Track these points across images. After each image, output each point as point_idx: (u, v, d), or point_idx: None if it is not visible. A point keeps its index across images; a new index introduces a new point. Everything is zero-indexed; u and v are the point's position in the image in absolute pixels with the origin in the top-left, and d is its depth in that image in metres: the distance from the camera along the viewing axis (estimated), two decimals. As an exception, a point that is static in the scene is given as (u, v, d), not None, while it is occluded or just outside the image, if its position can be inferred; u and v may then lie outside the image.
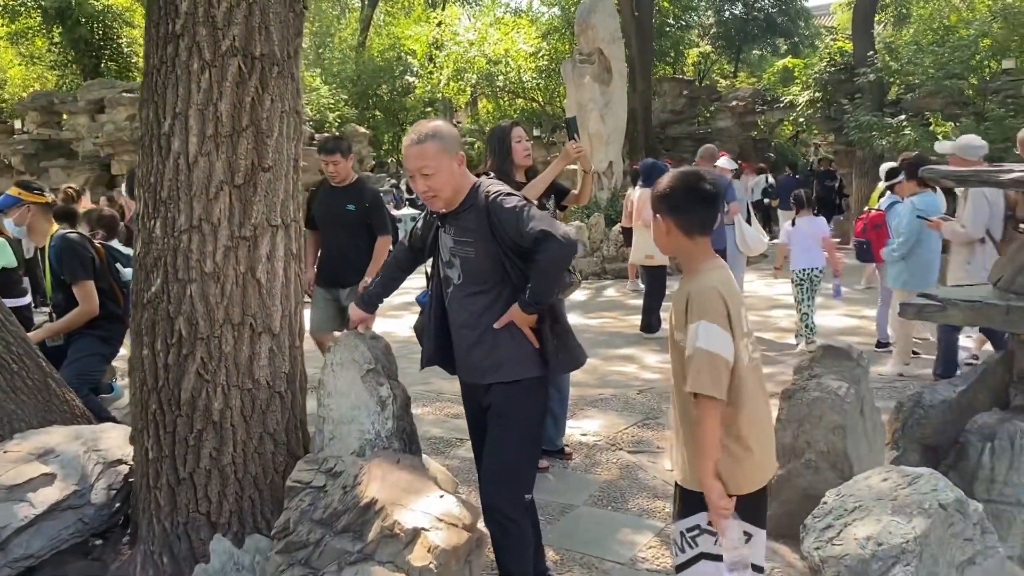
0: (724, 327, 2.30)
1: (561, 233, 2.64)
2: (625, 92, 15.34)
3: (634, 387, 6.30)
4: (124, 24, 21.75)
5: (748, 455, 2.39)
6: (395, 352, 3.33)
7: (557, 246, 2.63)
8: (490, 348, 2.83)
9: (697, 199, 2.40)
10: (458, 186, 2.85)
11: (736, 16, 28.01)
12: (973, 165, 5.40)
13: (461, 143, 2.91)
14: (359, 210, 5.41)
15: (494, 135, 4.44)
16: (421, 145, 2.79)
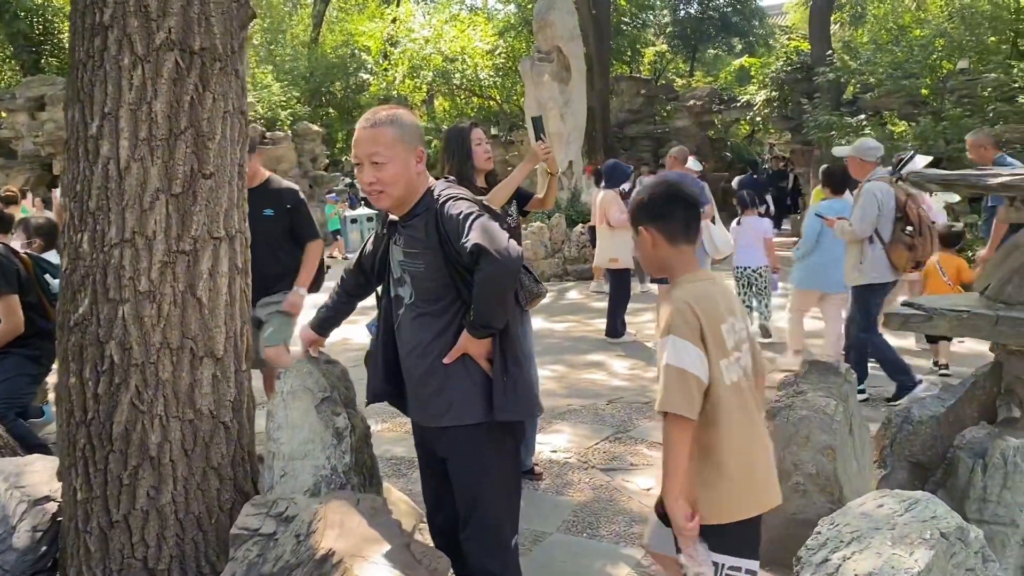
0: (696, 343, 2.18)
1: (498, 248, 2.25)
2: (584, 90, 15.18)
3: (603, 397, 6.08)
4: (65, 19, 20.97)
5: (723, 482, 2.25)
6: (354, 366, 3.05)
7: (491, 263, 2.25)
8: (441, 382, 2.46)
9: (680, 204, 2.33)
10: (412, 185, 2.49)
11: (691, 15, 28.05)
12: (870, 167, 5.60)
13: (423, 138, 2.57)
14: (278, 215, 4.73)
15: (452, 136, 4.15)
16: (376, 129, 2.44)
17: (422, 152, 2.50)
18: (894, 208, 5.40)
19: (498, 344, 2.44)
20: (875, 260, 5.42)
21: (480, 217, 2.37)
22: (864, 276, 5.49)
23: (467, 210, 2.38)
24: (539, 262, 13.31)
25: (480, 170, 4.13)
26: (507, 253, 2.27)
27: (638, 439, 5.04)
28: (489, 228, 2.33)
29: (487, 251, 2.26)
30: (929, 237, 5.36)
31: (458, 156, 4.06)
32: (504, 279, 2.31)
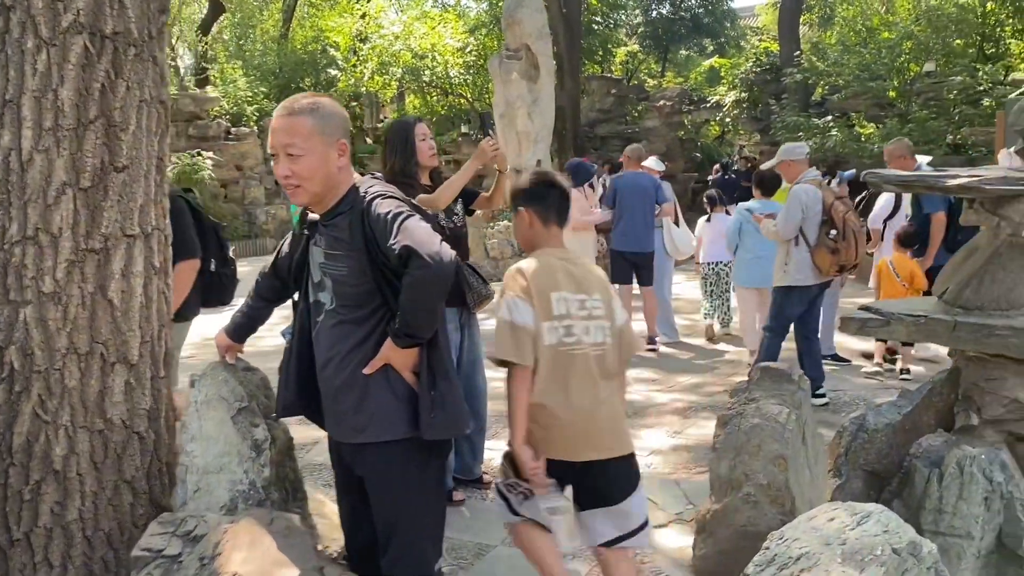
0: (526, 300, 2.52)
1: (430, 251, 2.08)
2: (553, 89, 15.02)
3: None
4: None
5: (556, 424, 2.52)
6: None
7: (421, 267, 2.07)
8: (360, 396, 2.25)
9: (555, 191, 2.72)
10: (332, 181, 2.29)
11: (663, 16, 28.06)
12: (798, 168, 5.67)
13: (348, 130, 2.38)
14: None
15: (396, 131, 3.97)
16: (293, 118, 2.24)
17: (345, 145, 2.30)
18: (820, 211, 5.38)
19: (425, 356, 2.26)
20: (799, 262, 5.44)
21: (410, 217, 2.19)
22: (787, 277, 5.53)
23: (396, 209, 2.19)
24: (506, 261, 13.17)
25: (425, 167, 3.97)
26: (439, 257, 2.09)
27: (593, 445, 4.90)
28: (420, 229, 2.15)
29: (417, 254, 2.08)
30: (854, 241, 5.31)
31: (401, 152, 3.88)
32: (434, 285, 2.13)
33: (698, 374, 6.75)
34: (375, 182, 2.36)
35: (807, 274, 5.44)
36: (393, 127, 4.05)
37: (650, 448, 4.84)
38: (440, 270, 2.09)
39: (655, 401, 5.91)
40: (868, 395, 5.90)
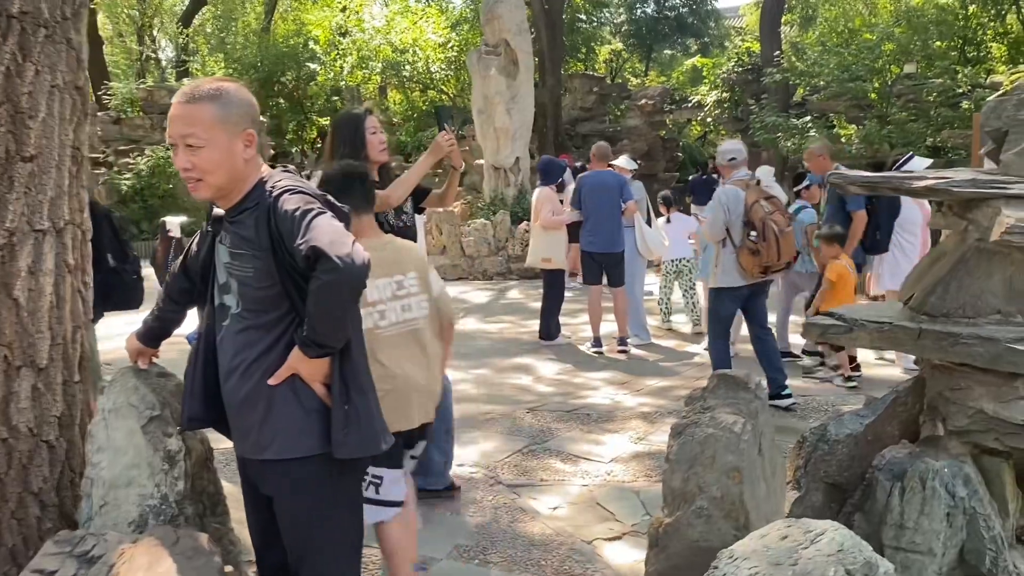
0: None
1: (340, 253, 1.88)
2: (532, 86, 14.87)
3: (525, 404, 5.80)
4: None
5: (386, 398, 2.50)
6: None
7: (330, 270, 1.88)
8: (266, 409, 2.07)
9: (357, 181, 2.87)
10: (237, 174, 2.10)
11: (648, 15, 27.96)
12: (728, 170, 5.66)
13: (256, 118, 2.17)
14: None
15: (344, 124, 3.77)
16: (193, 106, 2.05)
17: (252, 136, 2.11)
18: (742, 212, 5.35)
19: (338, 367, 2.07)
20: (726, 264, 5.46)
21: (321, 215, 1.99)
22: (716, 279, 5.58)
23: (305, 206, 2.00)
24: (482, 259, 13.02)
25: (375, 162, 3.80)
26: (350, 260, 1.89)
27: (553, 451, 4.76)
28: (329, 228, 1.96)
29: (325, 256, 1.88)
30: (775, 242, 5.23)
31: (350, 146, 3.68)
32: (344, 290, 1.93)
33: (667, 377, 6.62)
34: (285, 176, 2.17)
35: (733, 275, 5.43)
36: (342, 119, 3.82)
37: (611, 455, 4.70)
38: (350, 273, 1.89)
39: (622, 405, 5.77)
40: (837, 400, 5.78)
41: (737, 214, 5.33)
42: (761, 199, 5.34)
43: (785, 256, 5.31)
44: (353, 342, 2.11)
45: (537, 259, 8.05)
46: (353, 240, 1.97)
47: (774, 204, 5.39)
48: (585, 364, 7.10)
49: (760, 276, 5.42)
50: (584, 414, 5.52)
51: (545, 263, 7.95)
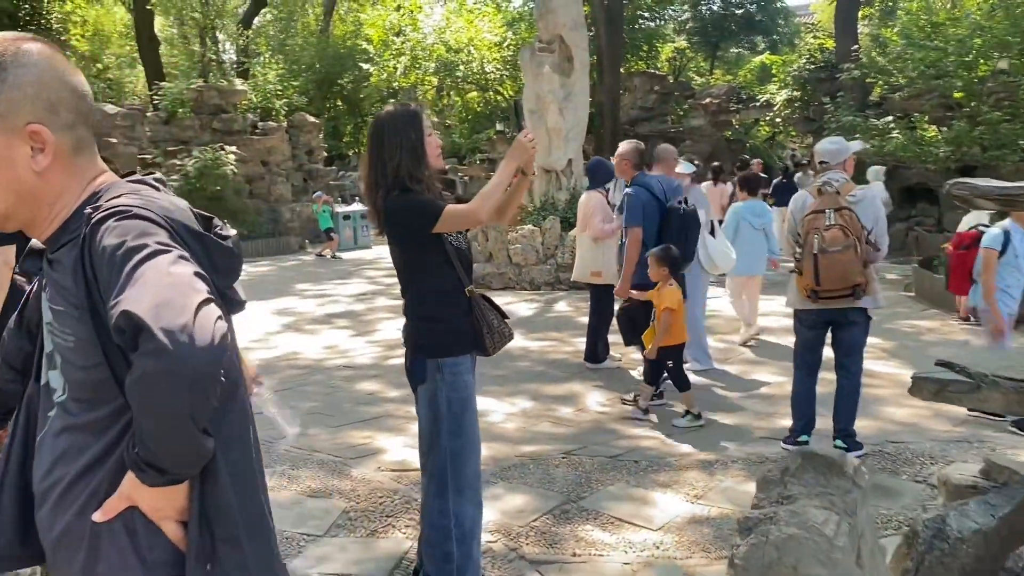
0: None
1: (169, 326, 1.14)
2: (587, 84, 14.05)
3: (562, 444, 5.02)
4: None
5: None
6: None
7: (151, 353, 1.14)
8: (88, 559, 1.33)
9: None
10: (25, 193, 1.36)
11: (714, 12, 26.87)
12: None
13: (63, 104, 1.38)
14: None
15: (399, 122, 2.96)
16: None
17: (40, 132, 1.34)
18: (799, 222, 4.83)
19: (198, 500, 1.34)
20: (792, 282, 4.92)
21: (157, 256, 1.24)
22: (789, 298, 5.01)
23: (134, 240, 1.25)
24: (529, 268, 12.27)
25: (435, 169, 3.04)
26: (185, 338, 1.15)
27: (591, 513, 3.96)
28: (163, 282, 1.20)
29: (146, 330, 1.14)
30: (811, 262, 4.49)
31: (408, 151, 2.90)
32: (176, 386, 1.16)
33: (730, 413, 5.77)
34: (130, 188, 1.40)
35: (798, 296, 4.81)
36: (396, 116, 3.00)
37: (661, 520, 3.89)
38: (183, 361, 1.14)
39: (675, 450, 4.95)
40: (945, 451, 4.85)
41: (797, 223, 4.67)
42: (828, 208, 4.50)
43: (828, 281, 4.46)
44: (222, 461, 1.36)
45: (585, 272, 7.26)
46: (204, 301, 1.21)
47: (841, 217, 4.49)
48: (637, 390, 6.27)
49: (810, 301, 4.61)
50: (631, 461, 4.71)
51: (595, 277, 7.15)
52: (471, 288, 3.02)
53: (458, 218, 2.90)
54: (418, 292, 3.00)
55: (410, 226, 2.90)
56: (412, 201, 2.88)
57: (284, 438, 5.24)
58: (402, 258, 3.02)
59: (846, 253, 4.44)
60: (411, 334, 3.02)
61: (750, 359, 7.48)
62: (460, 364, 2.97)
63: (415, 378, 3.01)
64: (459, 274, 2.99)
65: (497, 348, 3.05)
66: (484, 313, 3.01)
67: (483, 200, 2.91)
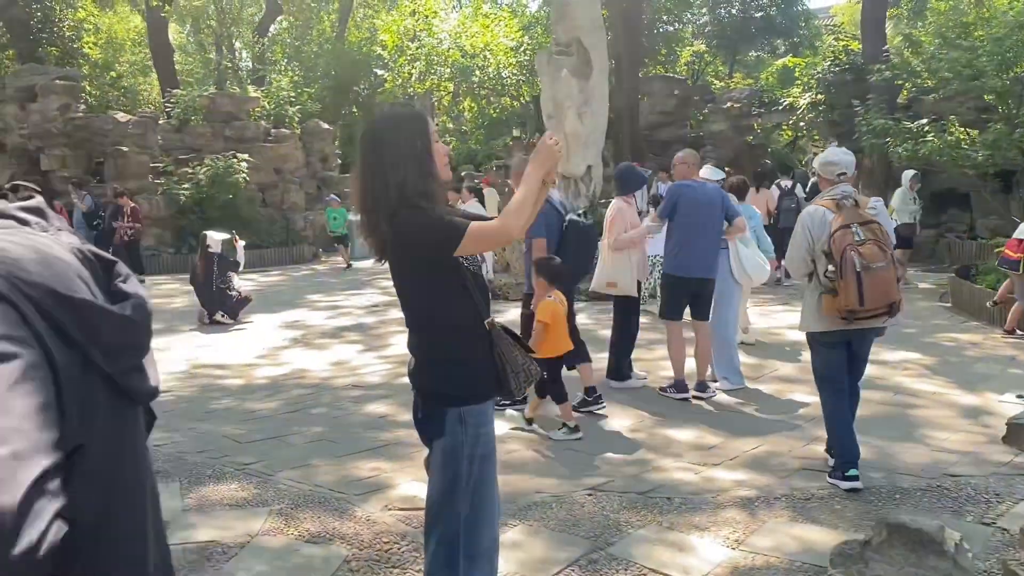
0: None
1: None
2: (606, 88, 13.64)
3: (586, 478, 4.60)
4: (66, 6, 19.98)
5: None
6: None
7: None
8: None
9: None
10: None
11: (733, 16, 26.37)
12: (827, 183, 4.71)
13: None
14: None
15: (403, 125, 2.51)
16: None
17: None
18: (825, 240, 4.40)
19: None
20: (811, 303, 4.61)
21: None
22: (804, 321, 4.65)
23: None
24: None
25: (444, 180, 2.60)
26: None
27: (620, 562, 3.54)
28: None
29: None
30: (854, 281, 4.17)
31: (415, 160, 2.46)
32: None
33: (769, 437, 5.33)
34: None
35: (820, 318, 4.46)
36: (396, 122, 2.55)
37: (701, 571, 3.46)
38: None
39: (712, 483, 4.52)
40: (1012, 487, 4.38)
41: (822, 242, 4.30)
42: (854, 224, 4.23)
43: (872, 301, 4.14)
44: None
45: (601, 283, 6.85)
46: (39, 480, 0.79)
47: (871, 232, 4.23)
48: (664, 416, 5.87)
49: (843, 323, 4.28)
50: (663, 498, 4.28)
51: (610, 287, 6.75)
52: (491, 320, 2.58)
53: (486, 237, 2.46)
54: (432, 328, 2.56)
55: (427, 250, 2.45)
56: (428, 220, 2.41)
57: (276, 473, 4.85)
58: (413, 288, 2.56)
59: (889, 270, 4.20)
60: (426, 379, 2.57)
61: (783, 376, 7.04)
62: (484, 413, 2.56)
63: (432, 431, 2.57)
64: (478, 304, 2.54)
65: (523, 390, 2.63)
66: (507, 349, 2.57)
67: (515, 216, 2.46)
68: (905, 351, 7.82)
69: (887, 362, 7.43)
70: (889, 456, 4.91)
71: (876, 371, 7.10)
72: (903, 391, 6.44)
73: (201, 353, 8.49)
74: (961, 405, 6.03)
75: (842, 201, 4.33)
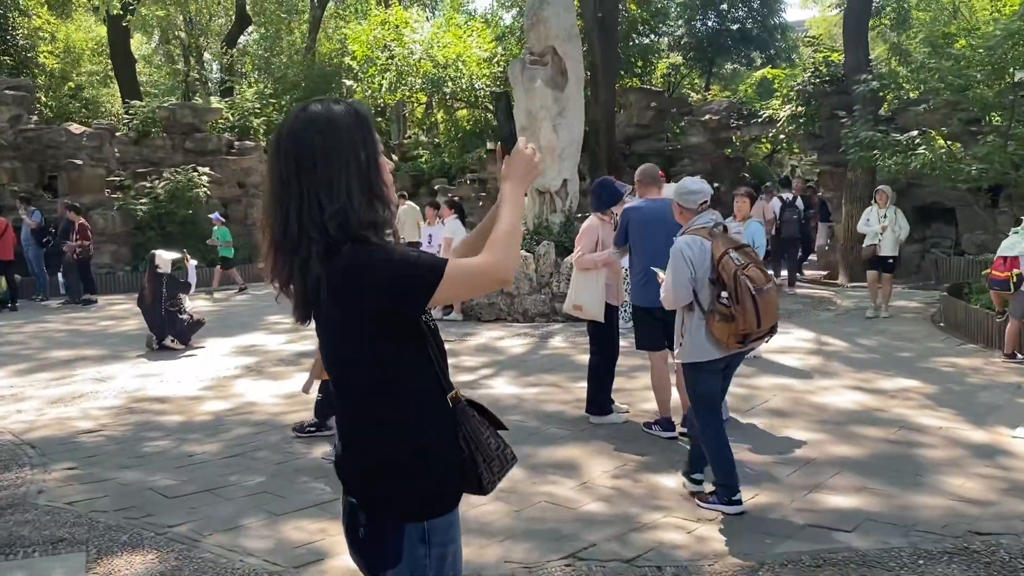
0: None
1: None
2: (582, 99, 13.11)
3: (564, 543, 3.98)
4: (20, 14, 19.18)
5: None
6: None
7: None
8: None
9: None
10: None
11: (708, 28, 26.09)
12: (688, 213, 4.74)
13: None
14: None
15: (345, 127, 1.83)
16: None
17: None
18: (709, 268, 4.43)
19: None
20: (695, 333, 4.58)
21: None
22: (686, 352, 4.59)
23: None
24: (522, 298, 11.26)
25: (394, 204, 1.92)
26: None
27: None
28: None
29: None
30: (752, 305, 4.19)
31: (363, 181, 1.82)
32: None
33: (765, 483, 4.75)
34: None
35: (707, 347, 4.46)
36: (333, 121, 1.83)
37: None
38: None
39: (704, 547, 3.91)
40: None
41: (704, 270, 4.33)
42: (731, 249, 4.30)
43: (767, 320, 4.22)
44: None
45: (568, 305, 6.29)
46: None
47: (747, 255, 4.32)
48: (649, 458, 5.28)
49: (737, 347, 4.32)
50: (653, 567, 3.67)
51: (576, 310, 6.18)
52: (456, 392, 1.92)
53: (473, 281, 1.83)
54: (382, 408, 1.85)
55: (387, 299, 1.76)
56: (388, 259, 1.77)
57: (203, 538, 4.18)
58: (357, 353, 1.85)
59: (773, 290, 4.30)
60: (373, 481, 1.86)
61: (776, 409, 6.48)
62: (452, 527, 1.89)
63: (381, 558, 1.84)
64: (439, 371, 1.89)
65: (496, 482, 1.93)
66: (476, 431, 1.91)
67: (505, 250, 1.84)
68: (903, 378, 7.31)
69: (885, 391, 6.92)
70: (903, 509, 4.35)
71: (874, 401, 6.60)
72: (906, 425, 5.90)
73: (144, 383, 7.79)
74: (972, 443, 5.49)
75: (713, 229, 4.41)
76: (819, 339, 9.36)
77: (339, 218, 1.77)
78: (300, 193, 1.79)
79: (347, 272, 1.76)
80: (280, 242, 1.82)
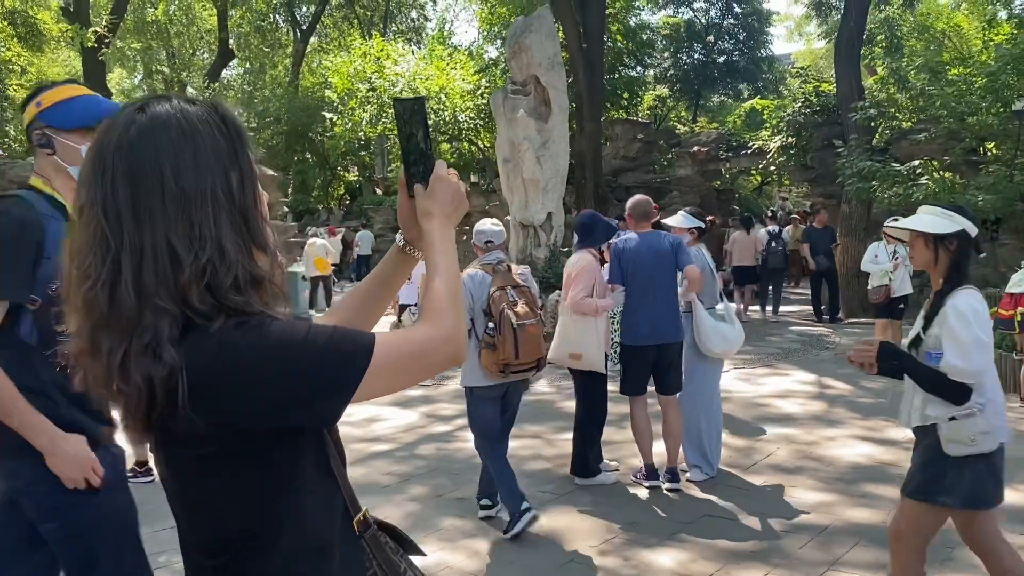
0: None
1: None
2: (566, 129, 12.63)
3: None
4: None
5: None
6: None
7: None
8: None
9: None
10: None
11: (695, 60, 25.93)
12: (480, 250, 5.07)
13: None
14: None
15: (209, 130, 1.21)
16: None
17: None
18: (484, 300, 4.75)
19: None
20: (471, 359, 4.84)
21: None
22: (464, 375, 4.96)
23: None
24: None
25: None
26: None
27: None
28: None
29: None
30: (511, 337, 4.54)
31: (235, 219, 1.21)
32: None
33: (774, 559, 4.13)
34: None
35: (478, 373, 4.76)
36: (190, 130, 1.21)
37: None
38: None
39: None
40: None
41: (481, 301, 4.65)
42: (508, 287, 4.69)
43: (527, 354, 4.58)
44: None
45: (563, 353, 5.60)
46: None
47: (522, 294, 4.75)
48: (639, 528, 4.66)
49: (499, 376, 4.60)
50: None
51: (574, 359, 5.53)
52: (364, 513, 1.35)
53: (410, 367, 1.28)
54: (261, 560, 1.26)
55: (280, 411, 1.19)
56: (282, 343, 1.18)
57: None
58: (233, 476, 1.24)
59: (537, 327, 4.67)
60: None
61: (780, 465, 5.86)
62: None
63: None
64: (343, 490, 1.32)
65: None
66: (391, 565, 1.34)
67: (452, 315, 1.31)
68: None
69: (896, 442, 6.31)
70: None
71: (885, 454, 6.00)
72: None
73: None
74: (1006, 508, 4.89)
75: (497, 267, 4.79)
76: (820, 381, 8.80)
77: (205, 277, 1.16)
78: (138, 238, 1.16)
79: (219, 365, 1.15)
80: (104, 317, 1.17)
